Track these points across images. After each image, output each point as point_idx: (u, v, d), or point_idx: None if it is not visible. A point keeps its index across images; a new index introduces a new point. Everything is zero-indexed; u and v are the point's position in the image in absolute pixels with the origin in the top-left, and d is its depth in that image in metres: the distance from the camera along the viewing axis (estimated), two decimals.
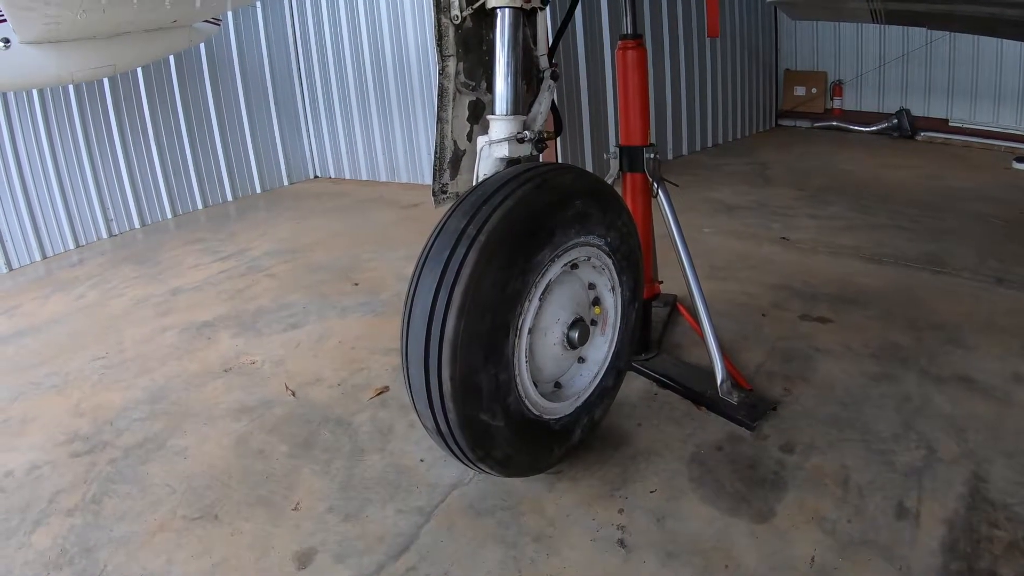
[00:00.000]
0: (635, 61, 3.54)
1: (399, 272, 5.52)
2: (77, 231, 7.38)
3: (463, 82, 2.81)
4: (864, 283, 4.69)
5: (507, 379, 2.40)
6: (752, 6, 10.40)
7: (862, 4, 6.38)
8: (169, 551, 2.65)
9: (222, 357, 4.30)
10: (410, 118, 8.72)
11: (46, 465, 3.31)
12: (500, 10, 2.67)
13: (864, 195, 6.97)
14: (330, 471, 3.08)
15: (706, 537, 2.53)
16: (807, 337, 3.97)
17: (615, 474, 2.90)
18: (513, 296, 2.34)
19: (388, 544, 2.60)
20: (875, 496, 2.66)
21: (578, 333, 2.68)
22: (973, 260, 5.01)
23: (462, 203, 2.37)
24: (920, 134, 9.87)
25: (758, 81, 10.95)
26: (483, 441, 2.41)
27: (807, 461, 2.89)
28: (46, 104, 7.05)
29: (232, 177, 8.94)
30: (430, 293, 2.24)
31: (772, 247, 5.55)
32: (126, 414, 3.71)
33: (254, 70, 9.07)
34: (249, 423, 3.52)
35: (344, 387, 3.81)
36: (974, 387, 3.37)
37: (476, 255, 2.20)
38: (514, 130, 2.71)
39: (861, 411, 3.22)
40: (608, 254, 2.76)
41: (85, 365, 4.36)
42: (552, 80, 3.02)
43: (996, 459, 2.82)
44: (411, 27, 8.36)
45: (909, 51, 9.83)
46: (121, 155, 7.74)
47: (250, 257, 6.31)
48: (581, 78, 7.75)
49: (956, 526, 2.48)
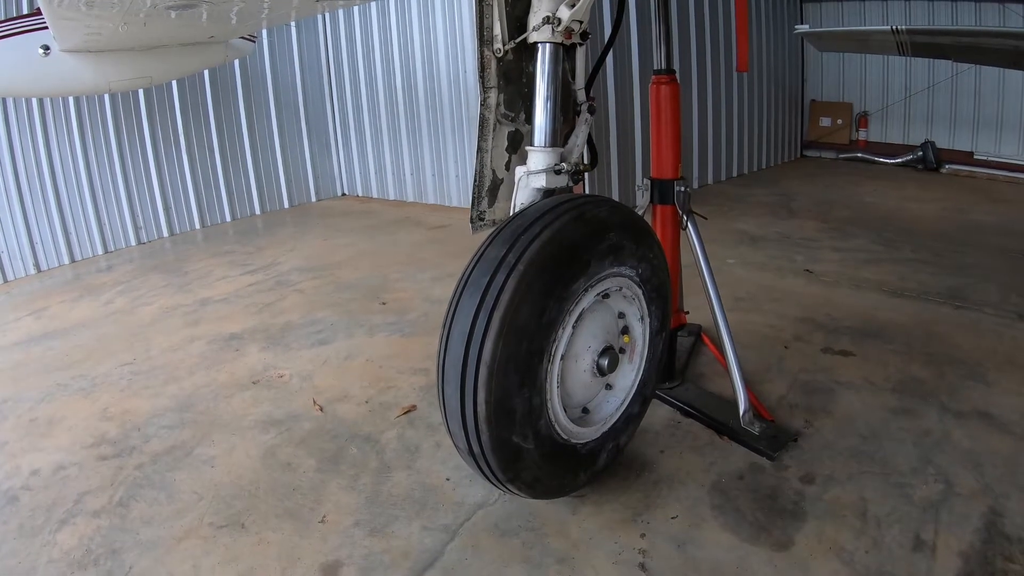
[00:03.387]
0: (668, 96, 3.62)
1: (426, 293, 5.58)
2: (107, 237, 7.54)
3: (503, 113, 2.88)
4: (886, 317, 4.71)
5: (539, 403, 2.46)
6: (780, 38, 10.49)
7: (888, 36, 6.44)
8: (196, 557, 2.70)
9: (250, 370, 4.37)
10: (439, 141, 8.83)
11: (72, 466, 3.37)
12: (541, 45, 2.76)
13: (888, 228, 7.00)
14: (357, 486, 3.12)
15: (726, 564, 2.56)
16: (829, 370, 4.00)
17: (638, 499, 2.94)
18: (549, 323, 2.40)
19: (413, 560, 2.65)
20: (893, 528, 2.69)
21: (608, 361, 2.74)
22: (996, 295, 5.03)
23: (501, 232, 2.44)
24: (945, 166, 9.88)
25: (784, 111, 11.02)
26: (513, 463, 2.46)
27: (826, 492, 2.92)
28: (81, 111, 7.22)
29: (261, 191, 9.09)
30: (469, 317, 2.30)
31: (795, 279, 5.58)
32: (154, 420, 3.78)
33: (286, 87, 9.24)
34: (277, 436, 3.58)
35: (372, 405, 3.86)
36: (993, 423, 3.38)
37: (515, 282, 2.28)
38: (551, 162, 2.79)
39: (881, 444, 3.24)
40: (639, 285, 2.81)
41: (113, 370, 4.43)
42: (589, 114, 3.09)
43: (1013, 494, 2.84)
44: (443, 54, 8.48)
45: (935, 83, 9.88)
46: (153, 165, 7.90)
47: (278, 272, 6.40)
48: (610, 111, 7.87)
49: (971, 559, 2.50)
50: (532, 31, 2.76)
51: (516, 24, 2.81)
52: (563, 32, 2.74)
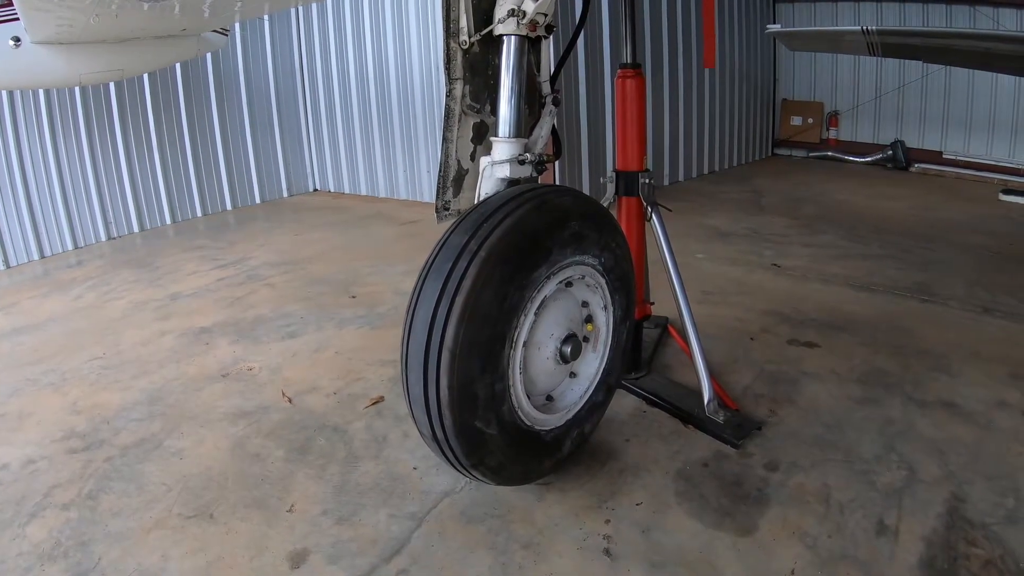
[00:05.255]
0: (634, 89, 3.65)
1: (397, 287, 5.59)
2: (76, 232, 7.45)
3: (469, 104, 2.92)
4: (853, 310, 4.79)
5: (502, 389, 2.49)
6: (752, 37, 10.58)
7: (859, 37, 6.52)
8: (165, 548, 2.71)
9: (220, 363, 4.36)
10: (411, 137, 8.82)
11: (42, 460, 3.35)
12: (506, 37, 2.80)
13: (857, 225, 7.09)
14: (325, 476, 3.14)
15: (690, 549, 2.60)
16: (794, 361, 4.06)
17: (603, 486, 2.97)
18: (510, 309, 2.43)
19: (381, 547, 2.67)
20: (856, 513, 2.74)
21: (570, 348, 2.77)
22: (962, 290, 5.12)
23: (464, 220, 2.47)
24: (914, 165, 10.01)
25: (756, 110, 11.11)
26: (477, 449, 2.49)
27: (790, 479, 2.97)
28: (52, 105, 7.13)
29: (232, 186, 9.02)
30: (432, 303, 2.33)
31: (764, 274, 5.65)
32: (124, 414, 3.76)
33: (259, 82, 9.18)
34: (246, 427, 3.58)
35: (340, 396, 3.87)
36: (957, 412, 3.45)
37: (477, 269, 2.31)
38: (516, 152, 2.82)
39: (844, 433, 3.30)
40: (602, 274, 2.85)
41: (83, 365, 4.40)
42: (554, 105, 3.13)
43: (976, 480, 2.90)
44: (416, 49, 8.47)
45: (905, 83, 9.99)
46: (124, 159, 7.82)
47: (249, 266, 6.38)
48: (581, 104, 7.90)
49: (934, 543, 2.56)
50: (498, 24, 2.80)
51: (483, 17, 2.84)
52: (528, 25, 2.77)
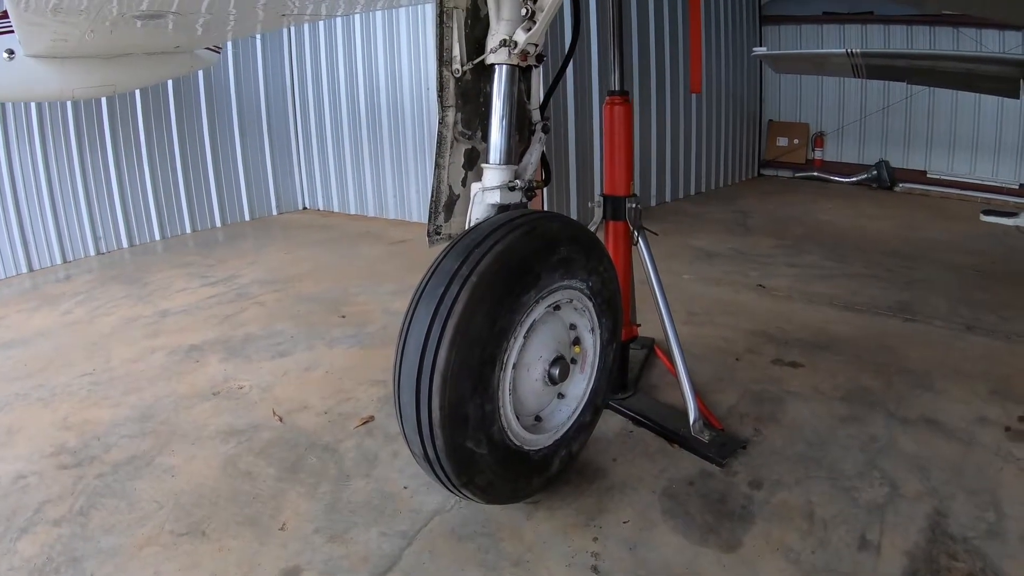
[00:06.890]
0: (621, 116, 3.73)
1: (386, 307, 5.62)
2: (65, 246, 7.43)
3: (460, 131, 2.99)
4: (837, 330, 4.86)
5: (492, 410, 2.55)
6: (738, 59, 10.72)
7: (844, 59, 6.65)
8: (157, 564, 2.72)
9: (211, 380, 4.38)
10: (401, 156, 8.86)
11: (33, 475, 3.35)
12: (498, 66, 2.88)
13: (842, 245, 7.19)
14: (316, 494, 3.17)
15: (676, 564, 2.65)
16: (779, 381, 4.13)
17: (591, 505, 3.02)
18: (500, 333, 2.49)
19: (372, 564, 2.70)
20: (839, 529, 2.80)
21: (559, 370, 2.83)
22: (945, 308, 5.21)
23: (456, 245, 2.53)
24: (899, 185, 10.14)
25: (742, 131, 11.24)
26: (467, 468, 2.54)
27: (774, 496, 3.03)
28: (43, 119, 7.14)
29: (222, 203, 9.03)
30: (424, 327, 2.38)
31: (749, 294, 5.72)
32: (114, 430, 3.77)
33: (250, 101, 9.21)
34: (237, 445, 3.61)
35: (331, 415, 3.90)
36: (939, 429, 3.52)
37: (468, 293, 2.37)
38: (506, 178, 2.90)
39: (828, 450, 3.36)
40: (589, 297, 2.92)
41: (72, 380, 4.40)
42: (543, 133, 3.21)
43: (958, 496, 2.96)
44: (407, 70, 8.52)
45: (889, 104, 10.13)
46: (114, 175, 7.82)
47: (239, 284, 6.39)
48: (570, 130, 8.01)
49: (917, 557, 2.61)
50: (489, 53, 2.88)
51: (475, 46, 2.92)
52: (519, 55, 2.85)
